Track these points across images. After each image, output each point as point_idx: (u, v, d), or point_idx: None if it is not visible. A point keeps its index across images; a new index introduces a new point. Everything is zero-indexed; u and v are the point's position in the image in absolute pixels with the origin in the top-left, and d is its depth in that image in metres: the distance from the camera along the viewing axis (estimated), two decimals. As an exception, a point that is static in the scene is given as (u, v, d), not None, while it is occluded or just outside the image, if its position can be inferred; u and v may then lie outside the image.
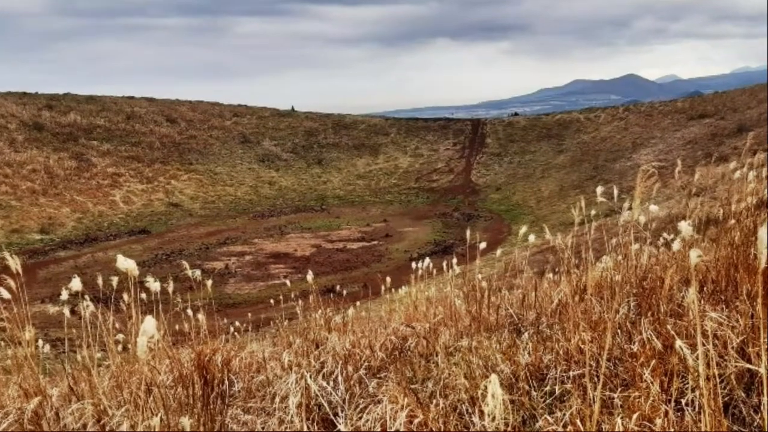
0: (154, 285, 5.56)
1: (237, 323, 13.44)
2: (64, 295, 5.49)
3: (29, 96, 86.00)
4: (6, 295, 5.07)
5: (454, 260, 9.01)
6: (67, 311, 6.31)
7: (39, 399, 4.29)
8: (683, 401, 3.55)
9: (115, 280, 5.76)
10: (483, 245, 7.62)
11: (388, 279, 10.57)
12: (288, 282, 15.45)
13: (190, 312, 7.51)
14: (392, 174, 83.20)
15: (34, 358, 4.81)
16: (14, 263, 4.98)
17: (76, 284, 5.02)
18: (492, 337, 5.52)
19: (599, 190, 5.67)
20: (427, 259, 9.43)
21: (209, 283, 7.31)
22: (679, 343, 3.45)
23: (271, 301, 16.72)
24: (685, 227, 3.83)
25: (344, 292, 15.14)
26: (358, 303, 13.70)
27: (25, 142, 70.70)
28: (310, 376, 4.56)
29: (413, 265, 9.85)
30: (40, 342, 8.36)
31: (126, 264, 4.38)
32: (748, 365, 3.70)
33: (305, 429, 4.16)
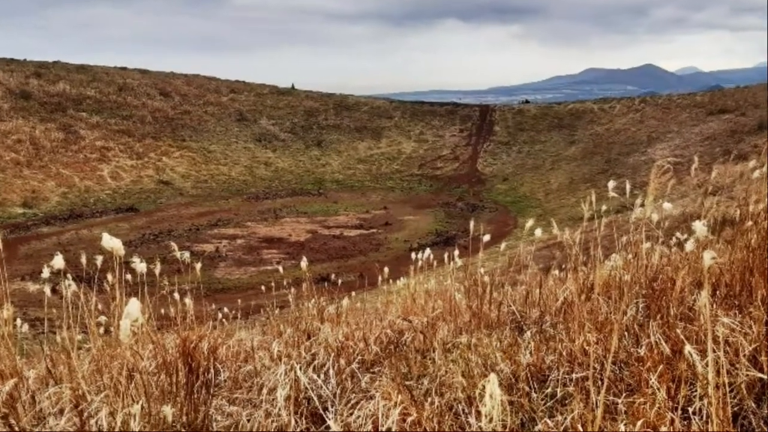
0: (140, 266, 5.55)
1: (225, 309, 13.46)
2: (46, 273, 5.47)
3: (17, 63, 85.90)
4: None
5: (456, 252, 9.00)
6: (47, 290, 6.30)
7: (15, 381, 4.29)
8: (690, 409, 3.55)
9: (99, 259, 5.75)
10: (487, 238, 7.61)
11: (386, 269, 10.57)
12: (281, 268, 15.46)
13: (176, 296, 7.51)
14: (395, 159, 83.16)
15: (11, 337, 4.80)
16: (-6, 238, 4.97)
17: (58, 262, 5.01)
18: (492, 334, 5.52)
19: (611, 184, 5.66)
20: (428, 250, 9.43)
21: (198, 266, 7.31)
22: (688, 348, 3.44)
23: (262, 287, 16.75)
24: (699, 227, 3.83)
25: (339, 281, 15.14)
26: (353, 293, 13.72)
27: (10, 111, 70.63)
28: (300, 368, 4.56)
29: (413, 255, 9.85)
30: (18, 321, 8.36)
31: (111, 243, 4.37)
32: (760, 374, 3.70)
33: (293, 423, 4.16)
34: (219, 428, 4.35)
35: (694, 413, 3.52)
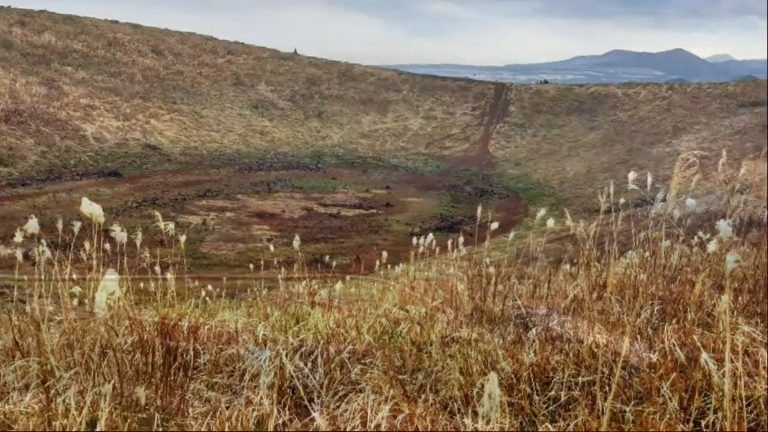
0: (120, 235, 5.53)
1: (210, 287, 13.46)
2: (19, 237, 5.47)
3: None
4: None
5: (461, 239, 8.99)
6: (20, 255, 6.29)
7: (-21, 351, 4.29)
8: (703, 422, 3.54)
9: (77, 225, 5.73)
10: (495, 225, 7.59)
11: (385, 254, 10.56)
12: (271, 246, 15.44)
13: (158, 269, 7.50)
14: (400, 136, 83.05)
15: (-23, 304, 4.80)
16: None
17: (32, 225, 5.00)
18: (495, 330, 5.52)
19: (631, 176, 5.64)
20: (431, 235, 9.42)
21: (183, 239, 7.29)
22: (704, 356, 3.43)
23: (251, 266, 16.75)
24: (723, 227, 3.81)
25: (333, 263, 15.15)
26: (347, 277, 13.70)
27: (-10, 61, 70.47)
28: (286, 355, 4.56)
29: (414, 240, 9.84)
30: (-13, 287, 8.36)
31: (91, 208, 4.35)
32: (780, 389, 3.69)
33: (275, 413, 4.15)
34: (195, 414, 4.35)
35: (706, 426, 3.52)
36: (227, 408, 4.28)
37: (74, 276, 6.09)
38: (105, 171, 59.38)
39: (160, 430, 4.00)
